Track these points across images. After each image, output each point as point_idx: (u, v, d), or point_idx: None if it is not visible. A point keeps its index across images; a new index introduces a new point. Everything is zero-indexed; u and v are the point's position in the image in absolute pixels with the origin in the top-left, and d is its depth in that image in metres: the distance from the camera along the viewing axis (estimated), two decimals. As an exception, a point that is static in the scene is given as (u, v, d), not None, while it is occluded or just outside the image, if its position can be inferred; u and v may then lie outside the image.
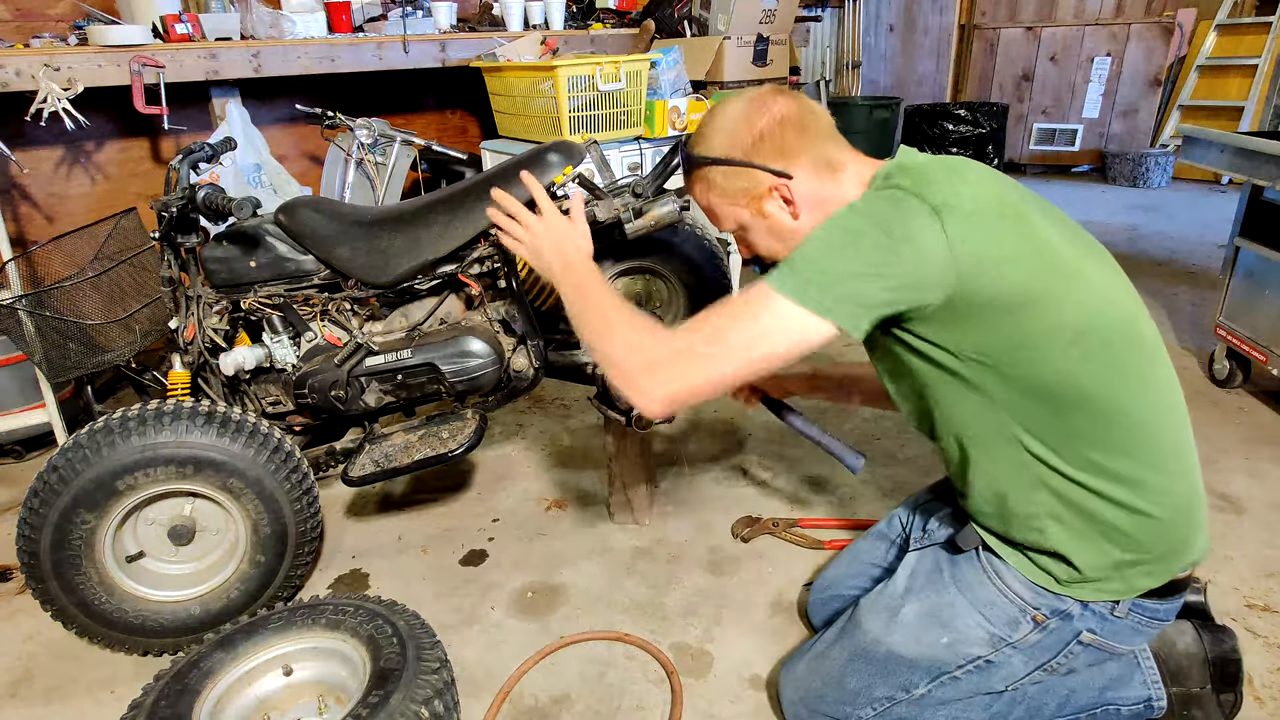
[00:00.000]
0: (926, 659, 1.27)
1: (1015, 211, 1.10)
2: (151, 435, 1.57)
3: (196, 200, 1.70)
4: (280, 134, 3.57)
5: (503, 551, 2.04)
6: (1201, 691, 1.33)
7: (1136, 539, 1.16)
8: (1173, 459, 1.18)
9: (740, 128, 1.20)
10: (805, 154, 1.19)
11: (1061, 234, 1.14)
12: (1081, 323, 1.08)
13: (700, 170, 1.26)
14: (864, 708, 1.32)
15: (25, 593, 1.93)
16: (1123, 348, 1.12)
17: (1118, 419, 1.12)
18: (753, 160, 1.20)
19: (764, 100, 1.21)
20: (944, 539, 1.37)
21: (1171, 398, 1.19)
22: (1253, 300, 2.53)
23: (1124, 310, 1.15)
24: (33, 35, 2.81)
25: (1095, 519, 1.16)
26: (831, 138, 1.22)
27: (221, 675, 1.39)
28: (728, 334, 1.09)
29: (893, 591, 1.35)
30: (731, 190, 1.24)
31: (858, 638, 1.35)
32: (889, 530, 1.59)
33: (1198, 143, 2.57)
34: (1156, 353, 1.18)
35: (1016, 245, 1.07)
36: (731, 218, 1.28)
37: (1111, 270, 1.20)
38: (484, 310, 1.93)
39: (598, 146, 2.00)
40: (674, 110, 3.15)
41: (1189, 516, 1.19)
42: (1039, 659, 1.25)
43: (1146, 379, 1.15)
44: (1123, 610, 1.20)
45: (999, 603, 1.24)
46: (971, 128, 4.58)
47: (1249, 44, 5.41)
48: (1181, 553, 1.19)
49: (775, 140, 1.19)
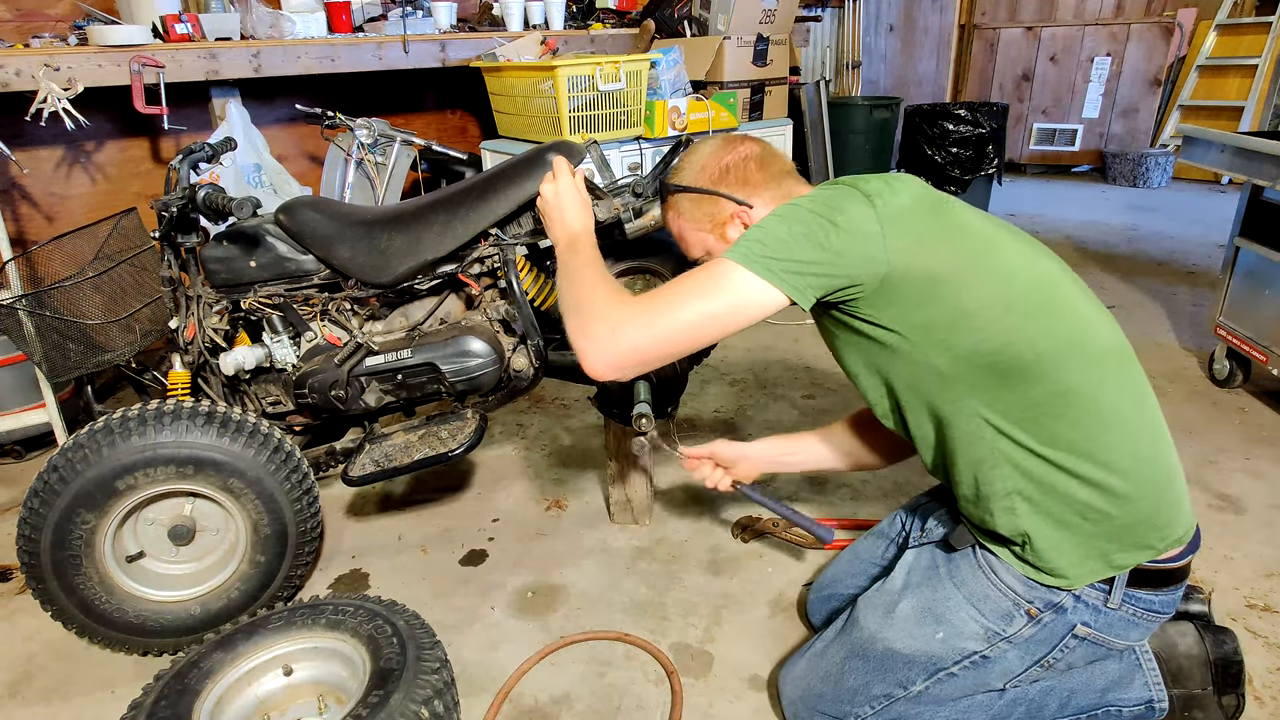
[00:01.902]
0: (923, 655, 1.28)
1: (940, 202, 1.24)
2: (151, 435, 1.57)
3: (196, 200, 1.70)
4: (280, 134, 3.57)
5: (503, 551, 2.04)
6: (1203, 693, 1.33)
7: (1106, 513, 1.17)
8: (1136, 432, 1.19)
9: (709, 161, 1.38)
10: (765, 187, 1.36)
11: (985, 220, 1.26)
12: (1012, 292, 1.17)
13: (673, 197, 1.42)
14: (862, 706, 1.32)
15: (25, 593, 1.93)
16: (1059, 317, 1.19)
17: (1071, 389, 1.16)
18: (718, 189, 1.36)
19: (733, 141, 1.40)
20: (940, 537, 1.38)
21: (1126, 370, 1.22)
22: (1253, 300, 2.53)
23: (1053, 281, 1.23)
24: (33, 35, 2.81)
25: (1062, 495, 1.18)
26: (790, 175, 1.39)
27: (221, 675, 1.39)
28: (683, 295, 1.19)
29: (890, 588, 1.37)
30: (698, 216, 1.39)
31: (855, 635, 1.36)
32: (889, 529, 1.59)
33: (1198, 143, 2.57)
34: (1100, 326, 1.23)
35: (942, 227, 1.20)
36: (699, 243, 1.42)
37: (1037, 249, 1.28)
38: (484, 310, 1.93)
39: (598, 146, 1.99)
40: (674, 110, 3.16)
41: (1161, 489, 1.20)
42: (1035, 654, 1.25)
43: (1092, 349, 1.19)
44: (1116, 601, 1.21)
45: (992, 596, 1.25)
46: (971, 128, 4.57)
47: (1249, 44, 5.42)
48: (1158, 527, 1.19)
49: (739, 173, 1.36)
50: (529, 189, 1.82)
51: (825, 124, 4.64)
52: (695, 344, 1.20)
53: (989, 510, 1.23)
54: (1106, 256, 4.25)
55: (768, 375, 2.96)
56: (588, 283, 1.29)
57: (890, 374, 1.26)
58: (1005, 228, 1.27)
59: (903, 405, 1.28)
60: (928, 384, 1.22)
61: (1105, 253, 4.32)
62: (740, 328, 1.20)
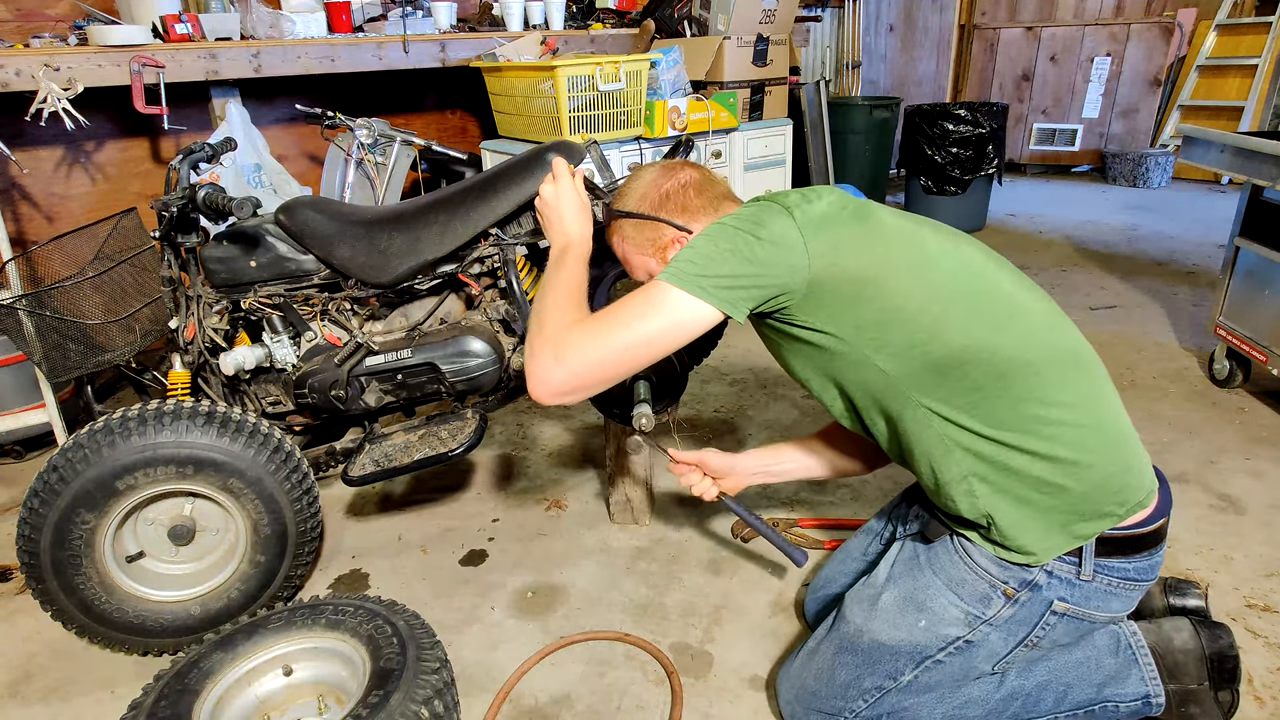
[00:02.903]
0: (908, 644, 1.30)
1: (859, 207, 1.29)
2: (151, 435, 1.57)
3: (197, 200, 1.70)
4: (280, 134, 3.57)
5: (503, 551, 2.04)
6: (1199, 688, 1.33)
7: (1061, 485, 1.20)
8: (1080, 402, 1.22)
9: (650, 188, 1.42)
10: (703, 211, 1.40)
11: (905, 219, 1.30)
12: (935, 283, 1.21)
13: (616, 222, 1.45)
14: (855, 700, 1.34)
15: (25, 593, 1.93)
16: (987, 300, 1.23)
17: (1008, 369, 1.19)
18: (658, 215, 1.40)
19: (673, 168, 1.44)
20: (917, 529, 1.42)
21: (1063, 343, 1.25)
22: (1253, 300, 2.53)
23: (976, 267, 1.26)
24: (33, 35, 2.81)
25: (1016, 472, 1.21)
26: (727, 198, 1.43)
27: (221, 675, 1.39)
28: (621, 319, 1.22)
29: (874, 581, 1.39)
30: (640, 240, 1.43)
31: (843, 630, 1.38)
32: (877, 525, 1.62)
33: (1198, 143, 2.57)
34: (1030, 304, 1.26)
35: (861, 229, 1.24)
36: (641, 266, 1.45)
37: (958, 239, 1.31)
38: (484, 310, 1.93)
39: (598, 146, 1.99)
40: (674, 110, 3.16)
41: (1114, 455, 1.22)
42: (1017, 634, 1.27)
43: (1023, 327, 1.22)
44: (1088, 572, 1.23)
45: (969, 580, 1.27)
46: (971, 128, 4.57)
47: (1249, 44, 5.41)
48: (1115, 492, 1.22)
49: (678, 199, 1.40)
50: (529, 189, 1.82)
51: (825, 124, 4.63)
52: (635, 366, 1.23)
53: (950, 496, 1.27)
54: (1106, 256, 4.25)
55: (768, 375, 2.96)
56: (556, 302, 1.31)
57: (835, 375, 1.30)
58: (926, 223, 1.32)
59: (855, 405, 1.32)
60: (871, 382, 1.26)
61: (1105, 253, 4.32)
62: (679, 346, 1.24)
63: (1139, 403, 2.64)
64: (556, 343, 1.23)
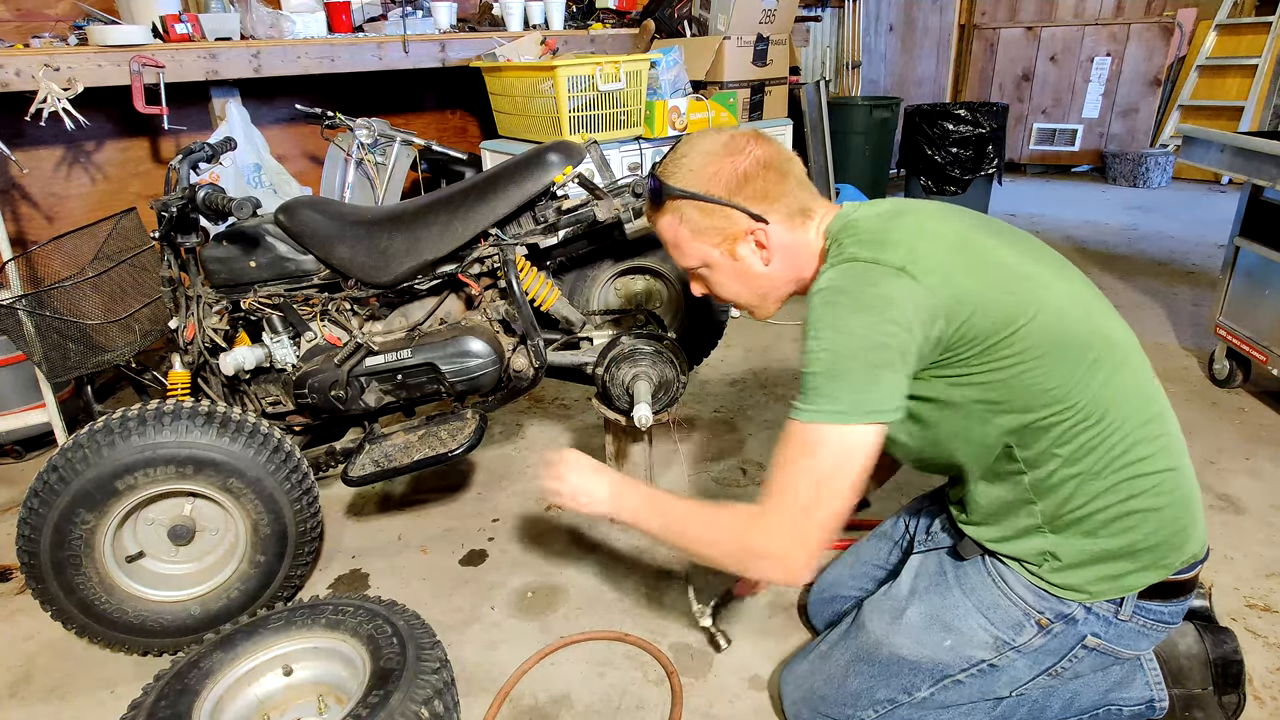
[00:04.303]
0: (929, 661, 1.27)
1: (966, 242, 1.14)
2: (151, 435, 1.57)
3: (196, 200, 1.70)
4: (280, 134, 3.57)
5: (503, 551, 2.04)
6: (1203, 693, 1.33)
7: (1133, 537, 1.16)
8: (1173, 450, 1.18)
9: (724, 166, 1.20)
10: (783, 201, 1.21)
11: (1014, 250, 1.17)
12: (1053, 333, 1.10)
13: (675, 202, 1.23)
14: (865, 709, 1.32)
15: (25, 593, 1.93)
16: (1095, 350, 1.13)
17: (1102, 423, 1.12)
18: (734, 200, 1.20)
19: (745, 141, 1.21)
20: (948, 544, 1.37)
21: (1157, 390, 1.20)
22: (1253, 300, 2.53)
23: (1088, 311, 1.16)
24: (33, 35, 2.81)
25: (1089, 524, 1.16)
26: (805, 185, 1.24)
27: (221, 675, 1.39)
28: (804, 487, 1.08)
29: (897, 593, 1.35)
30: (704, 227, 1.23)
31: (861, 639, 1.34)
32: (893, 532, 1.58)
33: (1198, 143, 2.57)
34: (1131, 352, 1.18)
35: (980, 273, 1.11)
36: (699, 255, 1.26)
37: (1069, 276, 1.21)
38: (484, 310, 1.93)
39: (598, 146, 1.99)
40: (674, 110, 3.15)
41: (1188, 508, 1.19)
42: (1043, 663, 1.24)
43: (1125, 379, 1.15)
44: (1127, 613, 1.19)
45: (1003, 605, 1.23)
46: (971, 128, 4.57)
47: (1249, 44, 5.41)
48: (1179, 546, 1.18)
49: (758, 183, 1.19)
50: (529, 189, 1.82)
51: (825, 124, 4.63)
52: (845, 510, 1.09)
53: (1011, 532, 1.22)
54: (1106, 256, 4.25)
55: (768, 375, 2.96)
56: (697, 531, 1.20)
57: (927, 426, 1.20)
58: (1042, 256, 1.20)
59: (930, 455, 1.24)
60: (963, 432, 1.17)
61: (1105, 253, 4.31)
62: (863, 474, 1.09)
63: (1139, 403, 2.64)
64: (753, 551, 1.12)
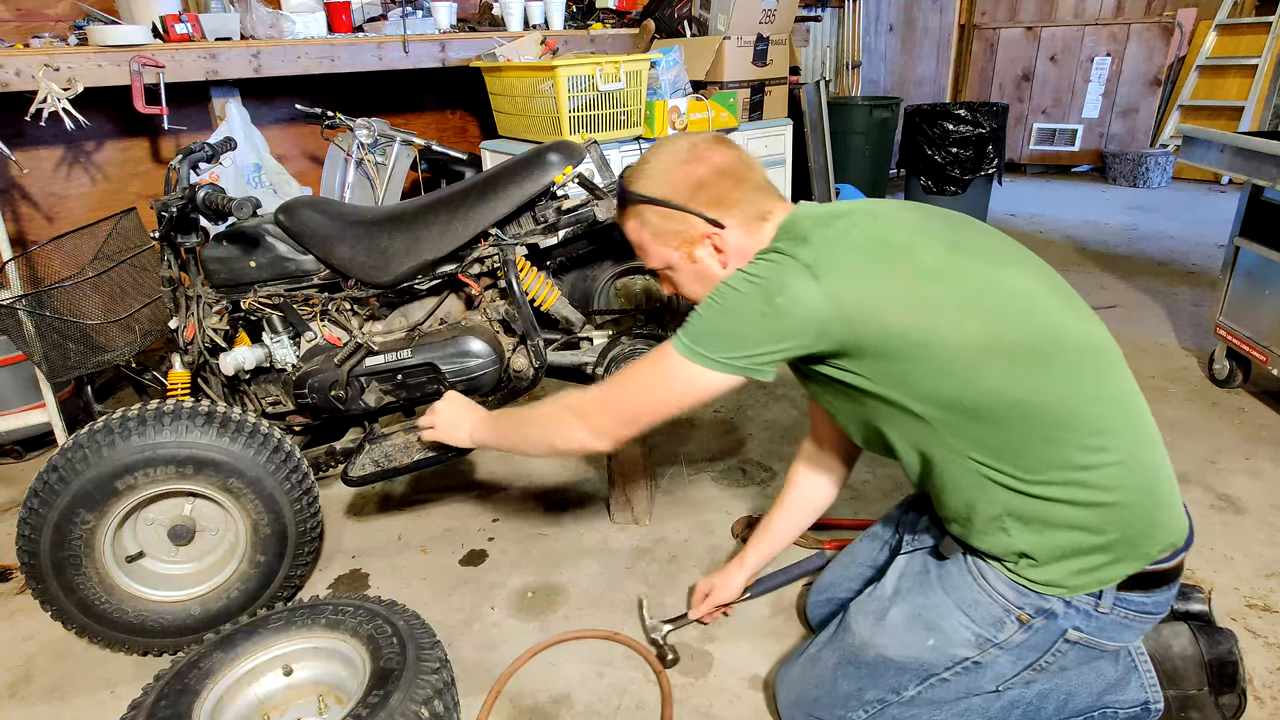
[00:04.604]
0: (914, 661, 1.28)
1: (896, 249, 1.16)
2: (151, 435, 1.57)
3: (196, 200, 1.70)
4: (280, 134, 3.57)
5: (503, 551, 2.04)
6: (1199, 693, 1.32)
7: (1102, 530, 1.16)
8: (1126, 442, 1.17)
9: (682, 173, 1.26)
10: (739, 206, 1.26)
11: (952, 254, 1.17)
12: (973, 335, 1.12)
13: (636, 206, 1.31)
14: (856, 710, 1.32)
15: (25, 593, 1.93)
16: (1029, 340, 1.13)
17: (1057, 418, 1.13)
18: (690, 206, 1.26)
19: (706, 148, 1.27)
20: (930, 544, 1.38)
21: (1111, 374, 1.20)
22: (1253, 300, 2.53)
23: (1021, 300, 1.16)
24: (33, 35, 2.81)
25: (1055, 518, 1.16)
26: (763, 189, 1.29)
27: (221, 675, 1.39)
28: (638, 383, 1.27)
29: (881, 594, 1.36)
30: (665, 231, 1.30)
31: (847, 641, 1.35)
32: (883, 531, 1.60)
33: (1198, 143, 2.57)
34: (1078, 345, 1.18)
35: (897, 284, 1.14)
36: (661, 257, 1.34)
37: (1001, 259, 1.21)
38: (484, 310, 1.93)
39: (598, 146, 1.99)
40: (674, 110, 3.16)
41: (1155, 497, 1.19)
42: (1027, 659, 1.25)
43: (1071, 361, 1.15)
44: (1107, 605, 1.20)
45: (983, 603, 1.24)
46: (971, 128, 4.57)
47: (1249, 44, 5.41)
48: (1150, 535, 1.18)
49: (713, 190, 1.25)
50: (529, 189, 1.82)
51: (825, 124, 4.63)
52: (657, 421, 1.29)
53: (983, 532, 1.23)
54: (1106, 256, 4.25)
55: (768, 375, 2.96)
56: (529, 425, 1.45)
57: (866, 416, 1.26)
58: (964, 248, 1.20)
59: (886, 438, 1.27)
60: (906, 424, 1.20)
61: (1105, 253, 4.32)
62: (704, 403, 1.25)
63: (1139, 403, 2.64)
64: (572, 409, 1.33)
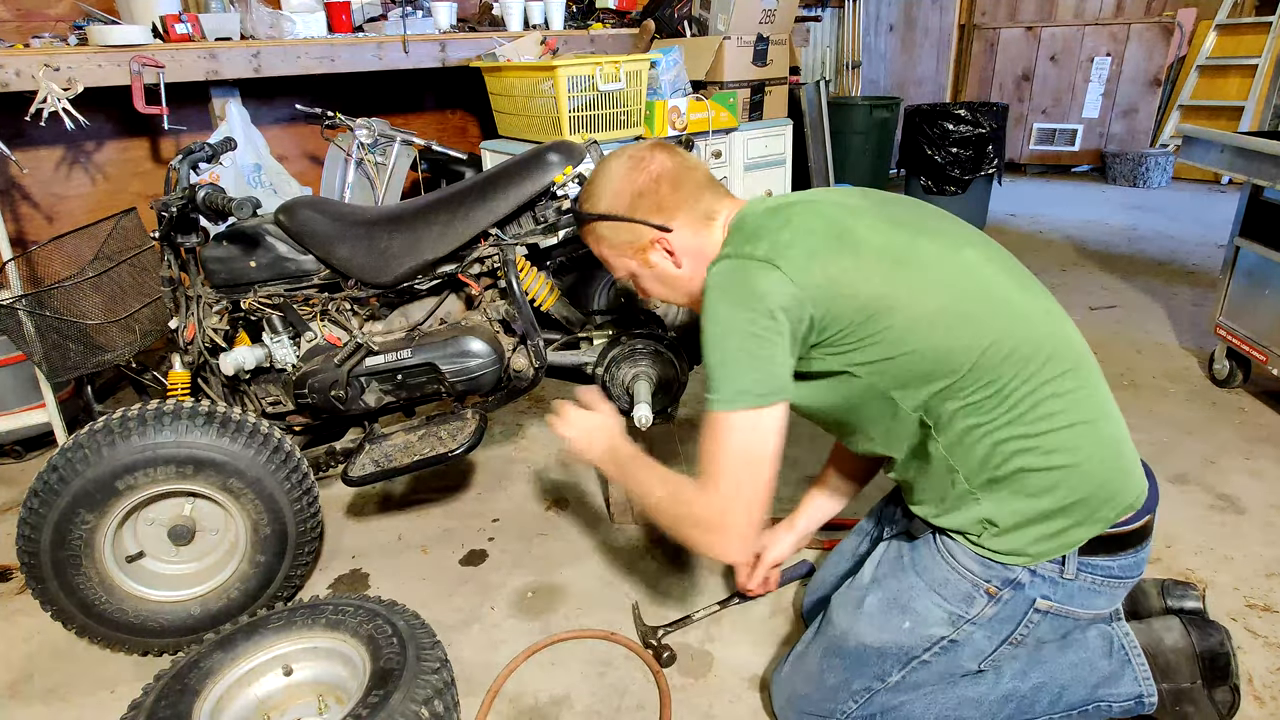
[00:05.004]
0: (893, 645, 1.30)
1: (839, 231, 1.21)
2: (151, 435, 1.57)
3: (196, 200, 1.70)
4: (280, 134, 3.57)
5: (503, 551, 2.04)
6: (1192, 687, 1.33)
7: (1058, 493, 1.18)
8: (1076, 405, 1.19)
9: (621, 184, 1.32)
10: (682, 208, 1.31)
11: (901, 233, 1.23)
12: (928, 308, 1.17)
13: (589, 225, 1.38)
14: (845, 702, 1.34)
15: (25, 593, 1.93)
16: (983, 317, 1.18)
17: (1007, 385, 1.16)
18: (633, 216, 1.31)
19: (642, 158, 1.32)
20: (903, 529, 1.42)
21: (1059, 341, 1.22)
22: (1253, 300, 2.53)
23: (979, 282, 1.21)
24: (33, 35, 2.81)
25: (1012, 483, 1.19)
26: (708, 188, 1.33)
27: (221, 675, 1.39)
28: (726, 469, 1.22)
29: (859, 583, 1.39)
30: (618, 243, 1.36)
31: (829, 633, 1.38)
32: (867, 525, 1.63)
33: (1198, 143, 2.57)
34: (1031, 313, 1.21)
35: (851, 260, 1.18)
36: (623, 267, 1.40)
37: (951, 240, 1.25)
38: (484, 310, 1.93)
39: (598, 146, 1.99)
40: (674, 110, 3.16)
41: (1110, 459, 1.21)
42: (1001, 632, 1.27)
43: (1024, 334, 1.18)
44: (1071, 571, 1.22)
45: (952, 580, 1.27)
46: (971, 128, 4.57)
47: (1249, 44, 5.41)
48: (1109, 499, 1.20)
49: (653, 197, 1.30)
50: (529, 189, 1.82)
51: (825, 124, 4.63)
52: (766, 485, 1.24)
53: (953, 508, 1.26)
54: (1106, 256, 4.25)
55: (768, 375, 2.96)
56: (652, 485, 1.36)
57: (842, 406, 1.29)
58: (911, 223, 1.25)
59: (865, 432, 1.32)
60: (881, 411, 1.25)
61: (1105, 253, 4.32)
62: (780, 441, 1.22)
63: (1139, 403, 2.64)
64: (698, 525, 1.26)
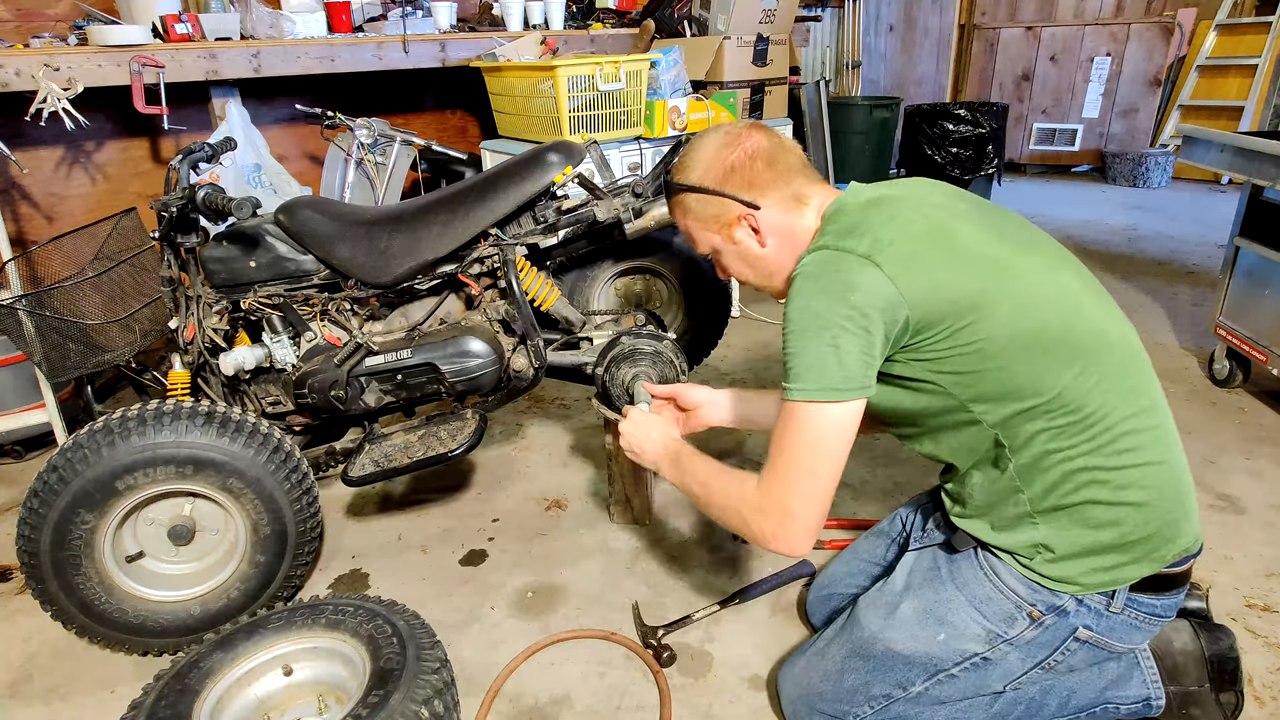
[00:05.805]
0: (923, 656, 1.28)
1: (938, 231, 1.19)
2: (151, 435, 1.57)
3: (196, 200, 1.70)
4: (280, 134, 3.57)
5: (503, 551, 2.04)
6: (1200, 690, 1.33)
7: (1123, 530, 1.16)
8: (1155, 445, 1.18)
9: (714, 158, 1.31)
10: (773, 187, 1.29)
11: (997, 239, 1.21)
12: (1019, 322, 1.14)
13: (678, 195, 1.36)
14: (861, 705, 1.32)
15: (25, 593, 1.93)
16: (1073, 341, 1.15)
17: (1092, 415, 1.14)
18: (723, 190, 1.29)
19: (739, 134, 1.31)
20: (942, 540, 1.38)
21: (1146, 386, 1.20)
22: (1253, 300, 2.53)
23: (1070, 303, 1.19)
24: (33, 35, 2.81)
25: (1077, 513, 1.17)
26: (801, 172, 1.31)
27: (221, 675, 1.39)
28: (800, 459, 1.18)
29: (891, 589, 1.36)
30: (704, 216, 1.34)
31: (856, 635, 1.35)
32: (890, 529, 1.59)
33: (1198, 143, 2.57)
34: (1119, 344, 1.19)
35: (945, 262, 1.16)
36: (706, 242, 1.38)
37: (1058, 266, 1.24)
38: (484, 310, 1.93)
39: (598, 146, 2.00)
40: (674, 110, 3.15)
41: (1175, 503, 1.19)
42: (1036, 656, 1.25)
43: (1110, 367, 1.16)
44: (1118, 606, 1.20)
45: (995, 599, 1.24)
46: (971, 128, 4.58)
47: (1249, 44, 5.41)
48: (1170, 539, 1.19)
49: (745, 173, 1.29)
50: (529, 189, 1.82)
51: (825, 124, 4.64)
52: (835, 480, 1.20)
53: (1001, 524, 1.23)
54: (1106, 256, 4.25)
55: (768, 375, 2.96)
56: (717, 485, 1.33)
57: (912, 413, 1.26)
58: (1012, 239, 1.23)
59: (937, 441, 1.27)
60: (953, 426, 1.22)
61: (1105, 253, 4.32)
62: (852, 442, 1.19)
63: (1139, 403, 2.64)
64: (764, 513, 1.22)
